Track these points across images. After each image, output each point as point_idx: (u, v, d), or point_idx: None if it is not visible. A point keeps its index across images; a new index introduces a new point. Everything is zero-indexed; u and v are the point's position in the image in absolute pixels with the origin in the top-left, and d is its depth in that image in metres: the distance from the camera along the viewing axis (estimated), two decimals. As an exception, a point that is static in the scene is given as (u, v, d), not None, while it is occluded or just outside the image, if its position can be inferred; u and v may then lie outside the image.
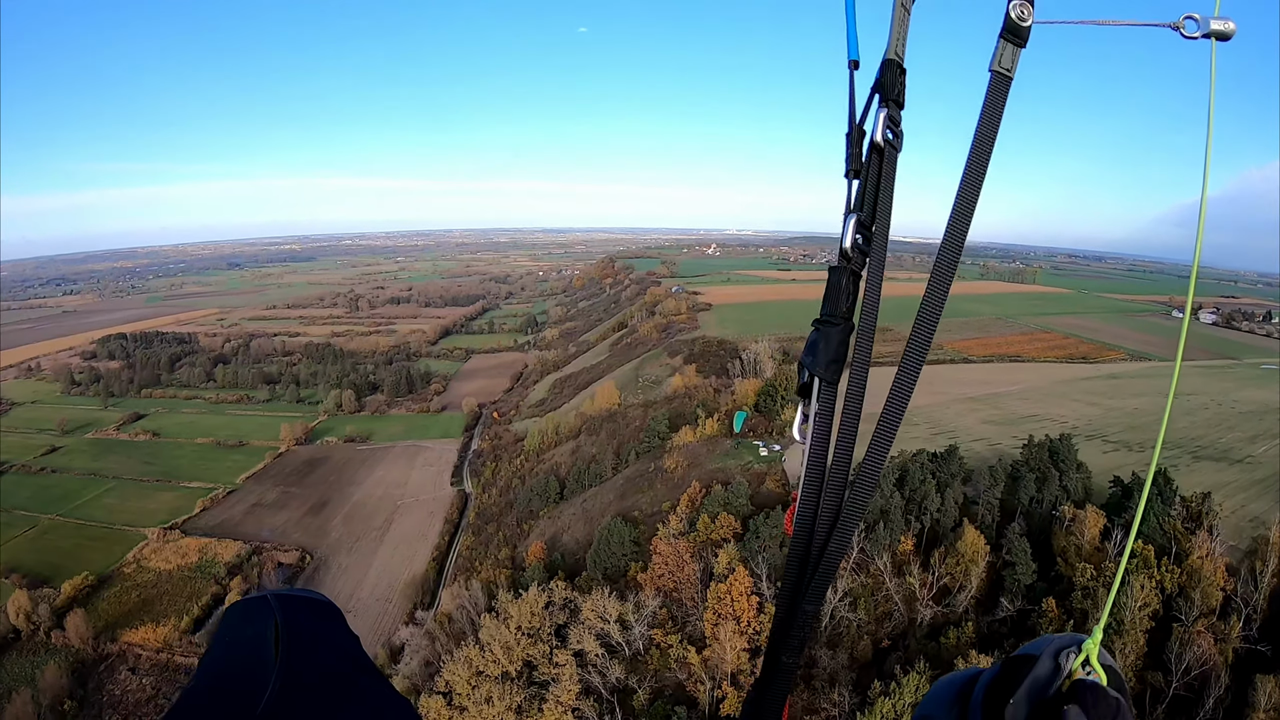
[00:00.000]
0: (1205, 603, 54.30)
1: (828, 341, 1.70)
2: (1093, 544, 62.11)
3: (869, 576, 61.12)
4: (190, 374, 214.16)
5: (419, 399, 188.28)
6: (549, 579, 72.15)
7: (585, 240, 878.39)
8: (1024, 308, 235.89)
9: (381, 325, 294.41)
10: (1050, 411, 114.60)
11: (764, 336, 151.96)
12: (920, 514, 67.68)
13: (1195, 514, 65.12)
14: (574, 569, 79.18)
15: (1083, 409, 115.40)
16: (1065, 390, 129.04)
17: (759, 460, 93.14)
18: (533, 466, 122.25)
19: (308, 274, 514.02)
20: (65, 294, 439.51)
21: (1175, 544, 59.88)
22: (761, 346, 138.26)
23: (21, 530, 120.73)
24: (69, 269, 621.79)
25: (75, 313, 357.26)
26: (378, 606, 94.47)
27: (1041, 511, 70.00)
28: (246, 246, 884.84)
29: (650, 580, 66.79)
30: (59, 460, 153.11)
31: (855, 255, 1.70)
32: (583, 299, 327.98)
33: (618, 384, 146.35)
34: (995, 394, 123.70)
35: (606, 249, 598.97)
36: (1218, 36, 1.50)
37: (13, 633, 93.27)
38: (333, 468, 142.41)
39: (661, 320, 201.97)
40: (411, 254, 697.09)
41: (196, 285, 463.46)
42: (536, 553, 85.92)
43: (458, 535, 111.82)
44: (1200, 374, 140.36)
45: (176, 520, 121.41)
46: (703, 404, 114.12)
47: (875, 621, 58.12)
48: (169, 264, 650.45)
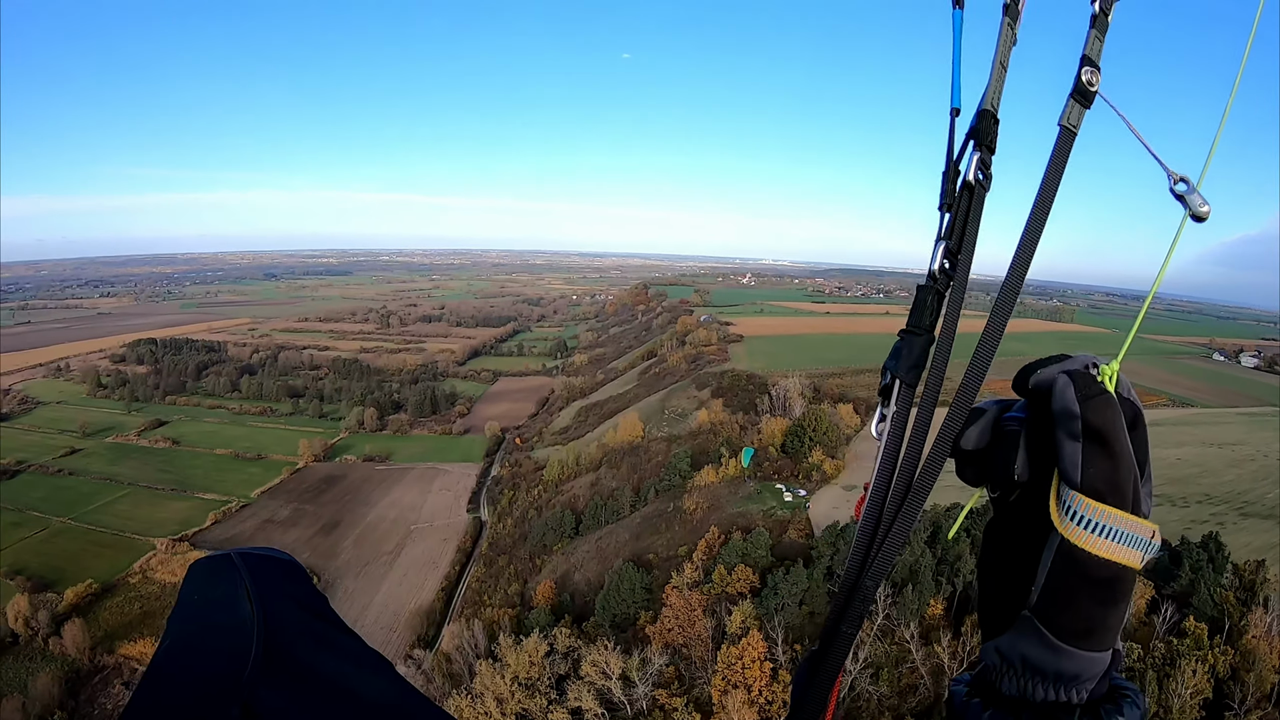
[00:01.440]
0: (1260, 688, 49.88)
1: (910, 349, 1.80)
2: (1139, 617, 57.85)
3: (893, 644, 56.44)
4: (216, 383, 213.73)
5: (442, 420, 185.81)
6: (555, 622, 68.96)
7: (621, 265, 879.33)
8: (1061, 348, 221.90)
9: (411, 343, 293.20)
10: None
11: (794, 372, 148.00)
12: (953, 575, 63.19)
13: (1249, 584, 61.27)
14: (583, 612, 75.90)
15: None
16: None
17: (783, 506, 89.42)
18: (550, 497, 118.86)
19: (342, 287, 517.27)
20: (102, 295, 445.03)
21: (1228, 619, 55.61)
22: (791, 383, 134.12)
23: (32, 531, 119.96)
24: (108, 271, 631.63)
25: (110, 315, 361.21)
26: (381, 635, 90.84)
27: None
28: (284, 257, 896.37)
29: (659, 633, 63.07)
30: (77, 462, 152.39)
31: (941, 277, 1.80)
32: (614, 324, 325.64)
33: (642, 415, 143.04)
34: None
35: (642, 275, 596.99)
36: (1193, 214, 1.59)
37: (11, 637, 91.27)
38: (349, 486, 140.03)
39: (691, 350, 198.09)
40: (447, 272, 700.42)
41: (231, 294, 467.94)
42: (545, 592, 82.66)
43: (469, 565, 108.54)
44: (1245, 422, 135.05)
45: (186, 532, 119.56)
46: (727, 441, 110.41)
47: (898, 695, 53.01)
48: (206, 271, 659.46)
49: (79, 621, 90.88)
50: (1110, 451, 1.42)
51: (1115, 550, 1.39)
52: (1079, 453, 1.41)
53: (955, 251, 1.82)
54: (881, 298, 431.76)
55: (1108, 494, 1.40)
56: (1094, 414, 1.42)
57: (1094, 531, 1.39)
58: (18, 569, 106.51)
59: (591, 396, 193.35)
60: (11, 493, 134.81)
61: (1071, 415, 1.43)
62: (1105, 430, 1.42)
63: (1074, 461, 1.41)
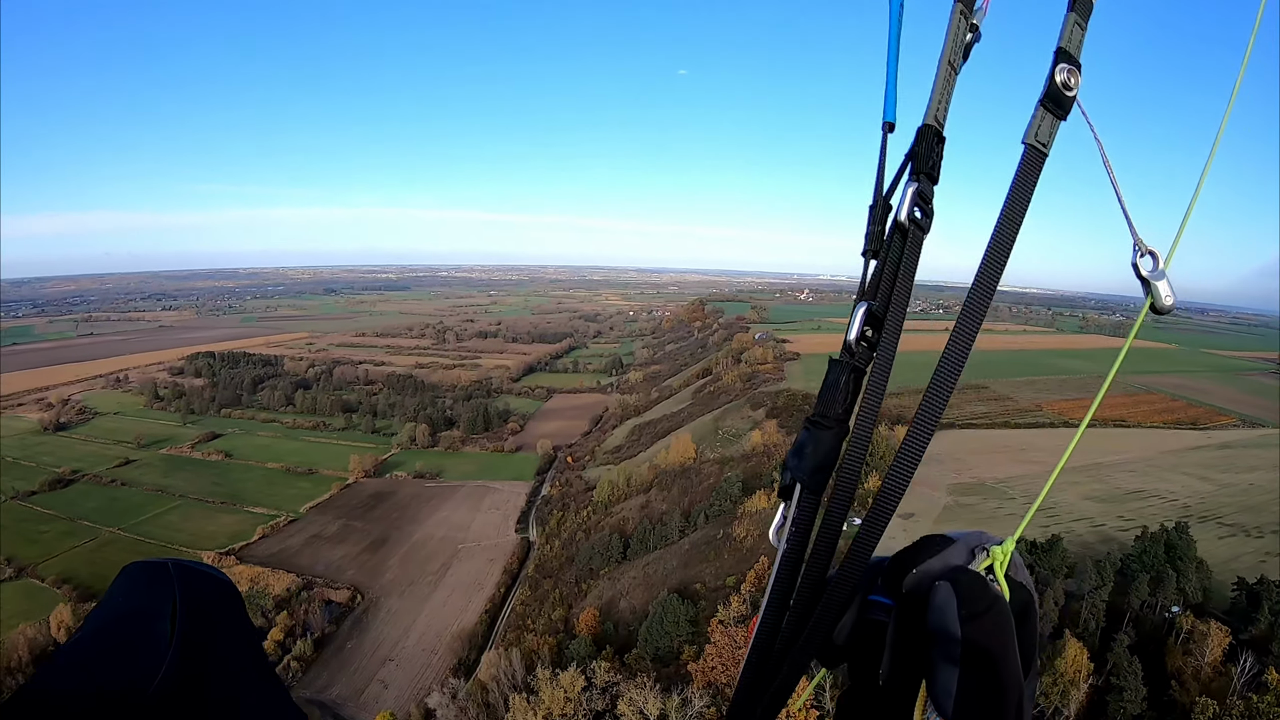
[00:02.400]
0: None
1: (817, 445, 1.52)
2: (1214, 665, 52.88)
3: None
4: (271, 396, 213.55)
5: (494, 437, 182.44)
6: (597, 653, 64.57)
7: (679, 281, 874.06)
8: (1127, 365, 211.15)
9: (467, 359, 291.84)
10: (1159, 487, 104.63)
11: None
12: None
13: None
14: (627, 642, 71.52)
15: (1194, 484, 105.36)
16: (1174, 462, 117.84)
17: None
18: (599, 520, 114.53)
19: (400, 303, 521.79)
20: (164, 309, 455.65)
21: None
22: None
23: (83, 540, 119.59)
24: (172, 285, 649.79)
25: (171, 328, 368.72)
26: (422, 658, 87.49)
27: (1154, 618, 60.36)
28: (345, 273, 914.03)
29: (701, 672, 58.24)
30: (130, 473, 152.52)
31: (860, 350, 1.52)
32: (670, 341, 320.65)
33: (695, 435, 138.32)
34: (1098, 464, 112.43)
35: (699, 291, 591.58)
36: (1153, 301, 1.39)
37: (54, 645, 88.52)
38: (398, 503, 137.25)
39: (746, 369, 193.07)
40: (505, 288, 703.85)
41: (291, 308, 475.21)
42: (588, 621, 78.12)
43: (515, 587, 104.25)
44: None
45: (234, 546, 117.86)
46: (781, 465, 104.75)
47: None
48: (267, 286, 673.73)
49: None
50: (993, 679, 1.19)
51: None
52: (954, 679, 1.18)
53: (881, 315, 1.53)
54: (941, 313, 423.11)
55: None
56: (980, 635, 1.19)
57: None
58: (66, 577, 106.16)
59: (645, 415, 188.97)
60: (65, 502, 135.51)
61: (950, 638, 1.19)
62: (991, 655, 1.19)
63: (947, 689, 1.19)
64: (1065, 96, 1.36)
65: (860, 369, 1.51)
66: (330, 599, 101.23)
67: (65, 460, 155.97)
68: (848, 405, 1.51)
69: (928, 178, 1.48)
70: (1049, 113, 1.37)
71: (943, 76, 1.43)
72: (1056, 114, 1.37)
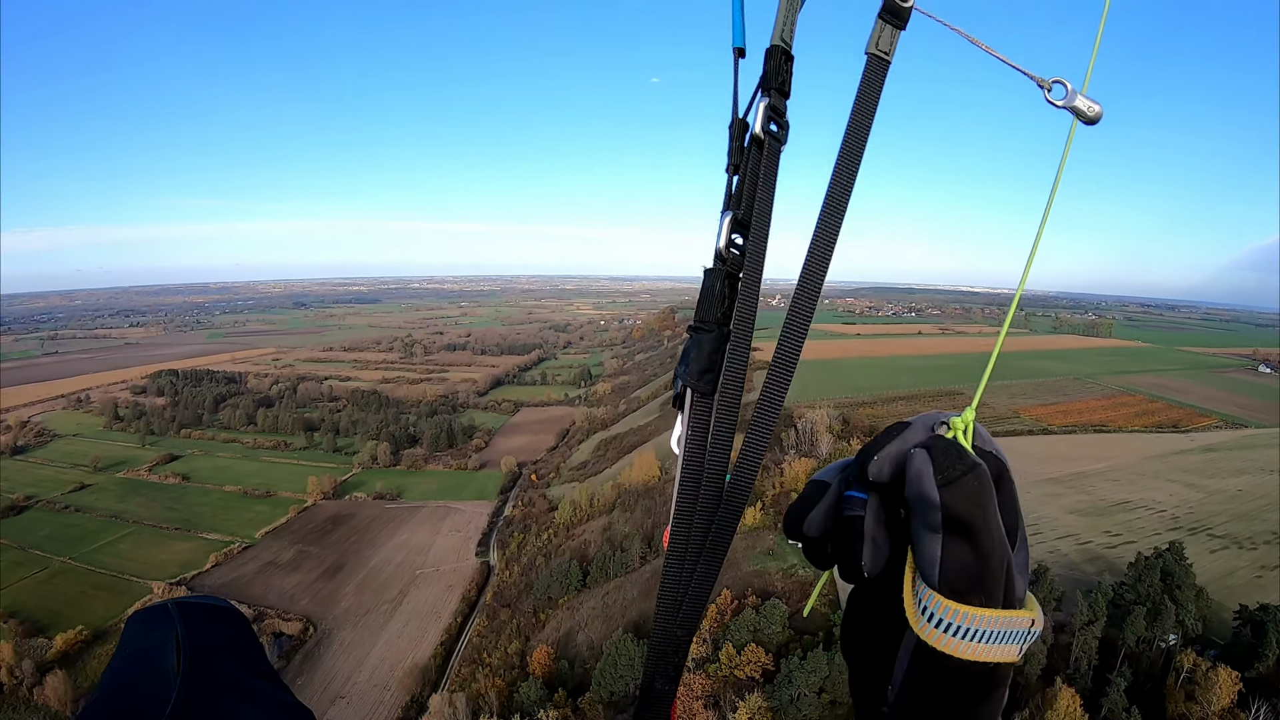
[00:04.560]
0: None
1: (700, 349, 1.58)
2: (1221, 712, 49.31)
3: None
4: (232, 415, 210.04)
5: (459, 454, 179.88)
6: (549, 696, 63.34)
7: (651, 289, 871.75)
8: (1102, 365, 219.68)
9: (434, 372, 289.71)
10: (1144, 496, 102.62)
11: (822, 402, 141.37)
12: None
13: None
14: (582, 682, 69.59)
15: (1180, 492, 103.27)
16: (1158, 468, 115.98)
17: (805, 564, 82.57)
18: (560, 542, 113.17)
19: (370, 316, 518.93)
20: (131, 325, 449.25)
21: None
22: (819, 415, 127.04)
23: (32, 571, 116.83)
24: (141, 300, 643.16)
25: (137, 344, 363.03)
26: (374, 694, 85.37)
27: (1152, 655, 56.62)
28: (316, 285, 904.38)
29: (658, 718, 56.73)
30: (85, 499, 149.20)
31: (731, 257, 1.59)
32: (640, 351, 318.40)
33: (659, 452, 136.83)
34: (1080, 474, 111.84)
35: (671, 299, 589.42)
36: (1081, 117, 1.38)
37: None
38: (356, 527, 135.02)
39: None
40: (477, 299, 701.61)
41: (259, 323, 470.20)
42: (541, 659, 76.16)
43: (473, 616, 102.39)
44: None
45: (185, 575, 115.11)
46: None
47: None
48: (237, 300, 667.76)
49: (61, 673, 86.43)
50: (976, 544, 1.19)
51: (984, 651, 1.20)
52: (938, 547, 1.19)
53: (746, 223, 1.59)
54: (914, 316, 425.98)
55: (972, 592, 1.20)
56: (959, 500, 1.19)
57: (958, 635, 1.20)
58: (13, 610, 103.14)
59: (612, 428, 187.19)
60: (18, 530, 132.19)
61: (930, 504, 1.20)
62: (972, 518, 1.19)
63: (932, 558, 1.20)
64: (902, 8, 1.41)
65: (734, 275, 1.57)
66: (281, 631, 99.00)
67: (20, 486, 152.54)
68: (726, 309, 1.57)
69: (779, 93, 1.54)
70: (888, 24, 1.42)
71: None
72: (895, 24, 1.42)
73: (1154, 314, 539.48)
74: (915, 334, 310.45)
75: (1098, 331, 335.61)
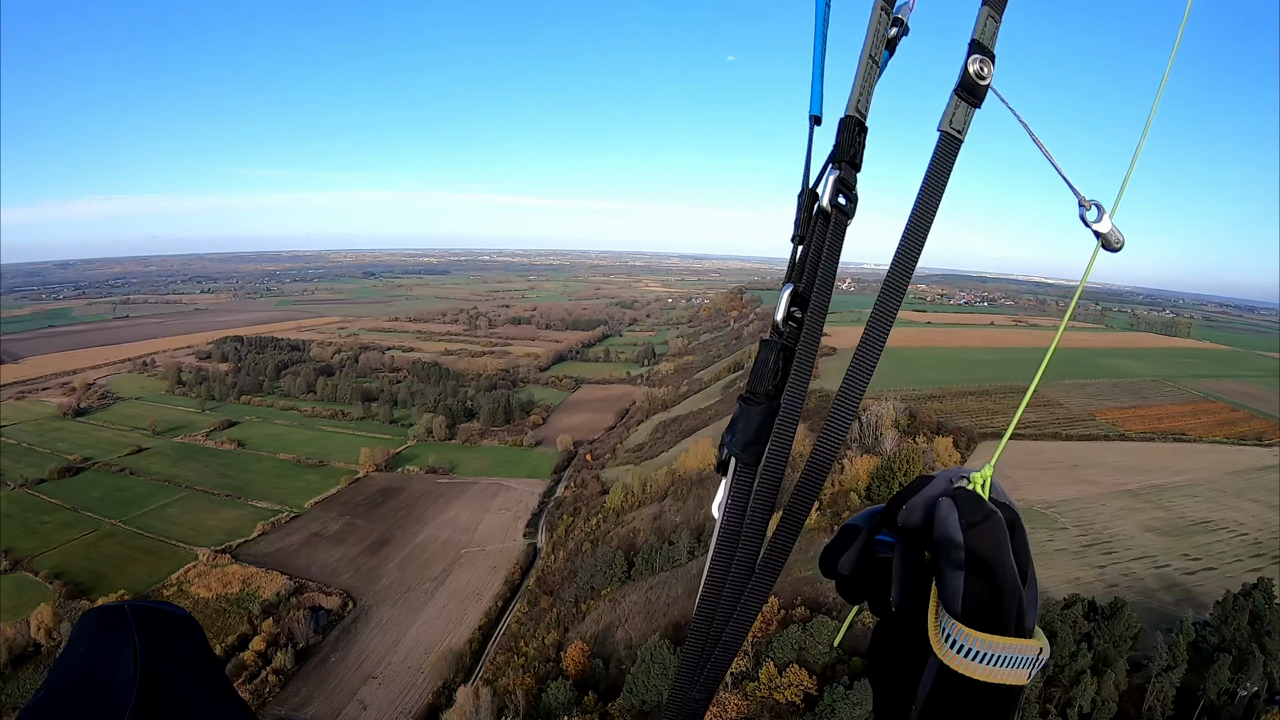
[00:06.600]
0: None
1: (748, 421, 1.60)
2: None
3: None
4: (293, 383, 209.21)
5: (515, 430, 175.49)
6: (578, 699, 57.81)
7: (721, 268, 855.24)
8: (1180, 368, 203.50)
9: (497, 345, 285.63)
10: (1226, 516, 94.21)
11: (888, 394, 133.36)
12: (1066, 705, 47.72)
13: None
14: (616, 683, 64.29)
15: (1263, 513, 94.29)
16: (1240, 485, 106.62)
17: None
18: (609, 529, 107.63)
19: (438, 287, 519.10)
20: (203, 292, 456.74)
21: None
22: (884, 408, 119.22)
23: (83, 533, 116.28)
24: (213, 267, 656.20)
25: (206, 310, 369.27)
26: (407, 676, 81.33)
27: (1234, 709, 50.42)
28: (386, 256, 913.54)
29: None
30: (140, 462, 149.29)
31: (788, 330, 1.61)
32: (705, 331, 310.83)
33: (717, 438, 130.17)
34: (1157, 486, 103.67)
35: (741, 278, 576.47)
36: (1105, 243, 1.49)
37: (34, 646, 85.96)
38: (405, 501, 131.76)
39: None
40: (545, 273, 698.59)
41: (328, 292, 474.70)
42: (575, 656, 70.83)
43: (514, 601, 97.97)
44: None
45: (231, 543, 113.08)
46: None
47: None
48: (308, 269, 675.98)
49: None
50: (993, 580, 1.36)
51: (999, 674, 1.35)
52: (960, 582, 1.36)
53: (807, 297, 1.61)
54: (986, 306, 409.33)
55: (989, 623, 1.35)
56: (979, 542, 1.36)
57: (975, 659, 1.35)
58: (59, 572, 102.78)
59: (672, 410, 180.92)
60: (71, 491, 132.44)
61: (955, 545, 1.36)
62: (989, 558, 1.36)
63: (955, 591, 1.36)
64: (979, 85, 1.44)
65: (789, 348, 1.58)
66: (320, 605, 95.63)
67: (79, 447, 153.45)
68: (778, 382, 1.58)
69: (850, 165, 1.56)
70: (963, 101, 1.44)
71: (864, 69, 1.51)
72: (971, 102, 1.45)
73: (1233, 315, 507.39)
74: (988, 324, 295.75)
75: (1176, 331, 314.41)
